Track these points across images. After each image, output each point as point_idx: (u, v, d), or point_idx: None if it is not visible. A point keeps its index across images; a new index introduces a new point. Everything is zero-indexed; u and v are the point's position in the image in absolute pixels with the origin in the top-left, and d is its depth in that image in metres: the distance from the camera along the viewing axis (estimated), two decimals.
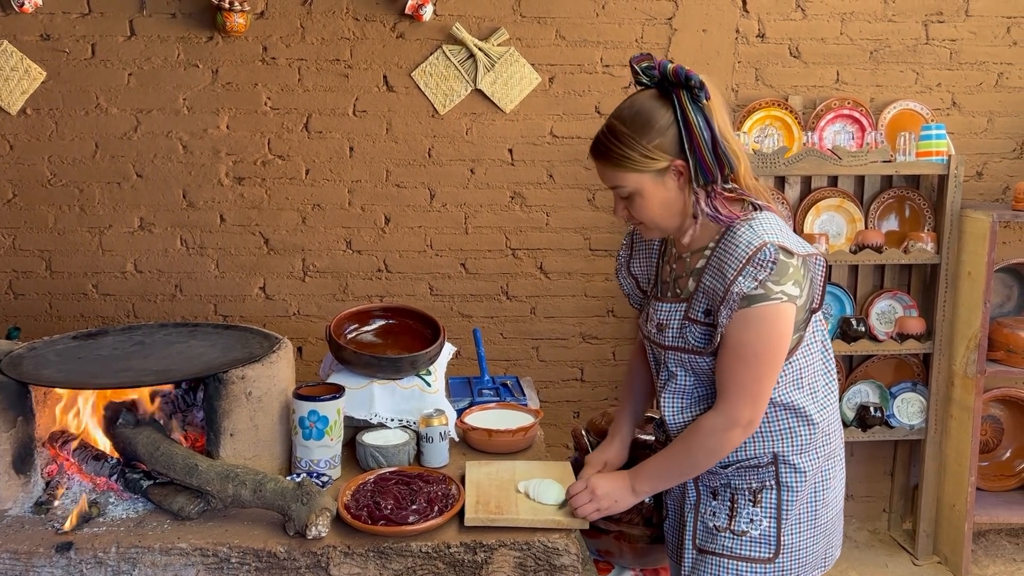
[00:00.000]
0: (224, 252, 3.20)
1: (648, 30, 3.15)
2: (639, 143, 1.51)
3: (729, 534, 1.63)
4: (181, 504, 1.76)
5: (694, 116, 1.48)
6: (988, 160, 3.30)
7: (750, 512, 1.61)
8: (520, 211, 3.23)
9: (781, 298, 1.48)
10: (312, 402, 1.90)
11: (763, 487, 1.61)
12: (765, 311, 1.48)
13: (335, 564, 1.67)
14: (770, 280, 1.47)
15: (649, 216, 1.58)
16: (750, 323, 1.49)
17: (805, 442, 1.61)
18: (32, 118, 3.08)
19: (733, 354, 1.51)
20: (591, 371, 3.35)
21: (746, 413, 1.52)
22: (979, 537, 3.33)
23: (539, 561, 1.70)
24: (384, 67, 3.12)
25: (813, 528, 1.63)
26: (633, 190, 1.55)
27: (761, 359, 1.50)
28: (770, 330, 1.49)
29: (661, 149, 1.51)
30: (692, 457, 1.59)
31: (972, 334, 2.98)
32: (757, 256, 1.47)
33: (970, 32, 3.21)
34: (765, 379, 1.52)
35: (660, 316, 1.65)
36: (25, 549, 1.67)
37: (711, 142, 1.49)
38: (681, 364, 1.63)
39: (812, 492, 1.63)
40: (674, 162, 1.52)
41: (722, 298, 1.51)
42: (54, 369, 1.95)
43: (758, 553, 1.61)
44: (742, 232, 1.52)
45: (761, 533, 1.61)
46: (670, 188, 1.54)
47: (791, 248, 1.49)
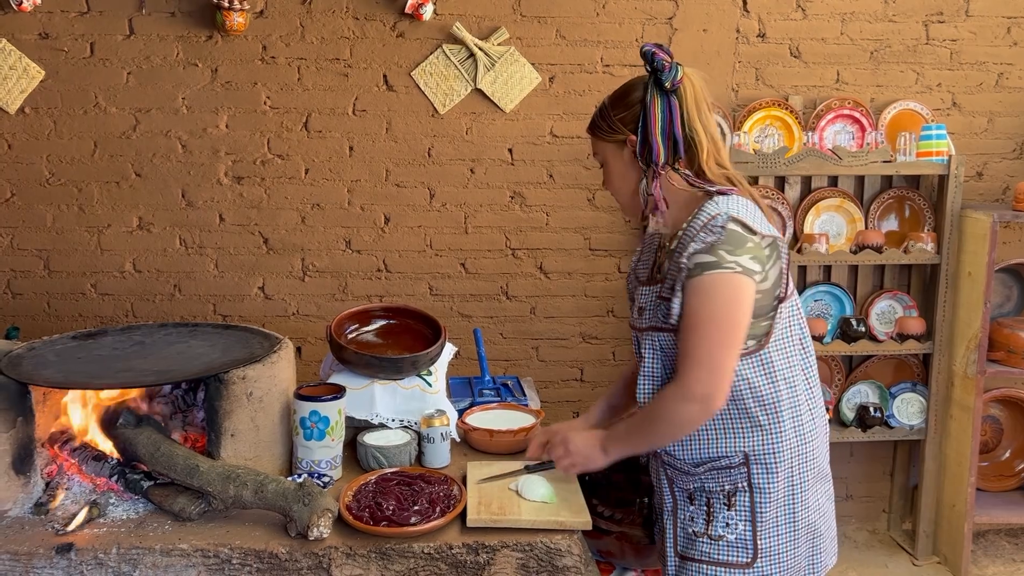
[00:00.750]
0: (223, 252, 3.19)
1: (648, 29, 3.15)
2: (609, 114, 1.64)
3: (707, 539, 1.61)
4: (182, 505, 1.76)
5: (650, 96, 1.57)
6: (988, 160, 3.30)
7: (725, 516, 1.60)
8: (520, 211, 3.23)
9: (734, 268, 1.48)
10: (313, 402, 1.90)
11: (736, 489, 1.59)
12: (717, 279, 1.48)
13: (337, 565, 1.66)
14: (722, 248, 1.48)
15: (612, 187, 1.71)
16: (701, 291, 1.49)
17: (777, 441, 1.58)
18: (31, 117, 3.07)
19: (687, 324, 1.51)
20: (591, 371, 3.34)
21: (700, 386, 1.49)
22: (979, 537, 3.33)
23: (541, 562, 1.69)
24: (384, 66, 3.11)
25: (793, 531, 1.60)
26: (601, 159, 1.70)
27: (714, 328, 1.48)
28: (723, 299, 1.48)
29: (623, 122, 1.62)
30: (653, 426, 1.57)
31: (972, 334, 2.98)
32: (710, 223, 1.51)
33: (970, 32, 3.21)
34: (719, 351, 1.48)
35: (641, 300, 1.66)
36: (25, 550, 1.67)
37: (665, 125, 1.57)
38: (652, 345, 1.62)
39: (788, 494, 1.60)
40: (629, 137, 1.61)
41: (678, 268, 1.53)
42: (54, 369, 1.94)
43: (736, 558, 1.59)
44: (706, 207, 1.56)
45: (737, 537, 1.59)
46: (627, 162, 1.64)
47: (751, 225, 1.51)
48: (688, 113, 1.57)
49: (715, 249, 1.48)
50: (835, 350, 3.06)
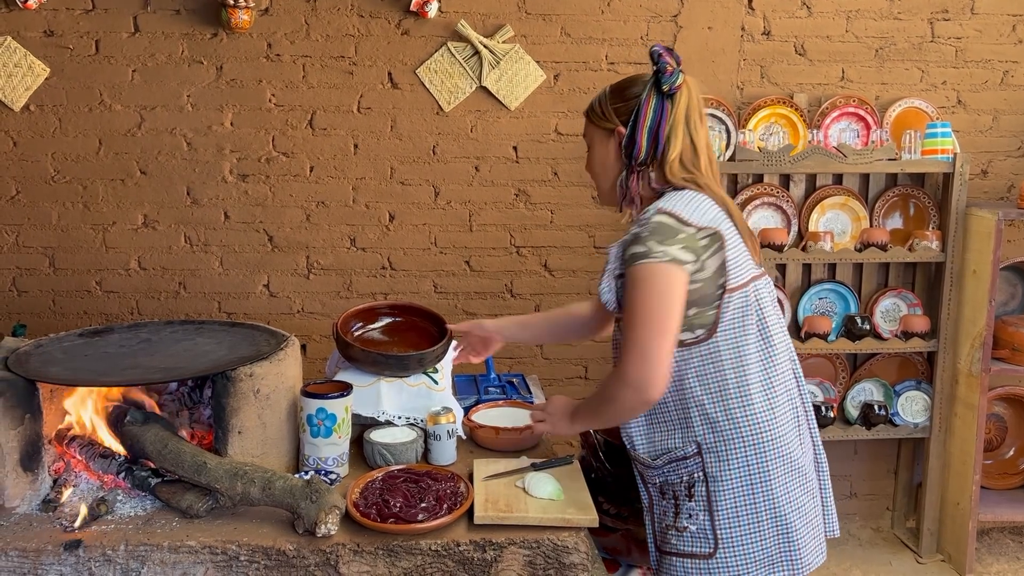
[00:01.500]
0: (228, 249, 3.19)
1: (653, 27, 3.14)
2: (606, 101, 1.69)
3: (675, 531, 1.64)
4: (190, 502, 1.76)
5: (646, 94, 1.62)
6: (993, 158, 3.29)
7: (688, 507, 1.62)
8: (524, 209, 3.23)
9: (662, 257, 1.51)
10: (320, 400, 1.90)
11: (693, 480, 1.61)
12: (646, 269, 1.52)
13: (344, 562, 1.67)
14: (651, 239, 1.52)
15: (592, 171, 1.76)
16: (633, 281, 1.54)
17: (728, 430, 1.58)
18: (36, 115, 3.07)
19: (624, 313, 1.58)
20: (595, 369, 3.34)
21: (633, 372, 1.52)
22: (983, 535, 3.34)
23: (548, 559, 1.69)
24: (389, 64, 3.11)
25: (755, 522, 1.59)
26: (589, 141, 1.74)
27: (646, 316, 1.52)
28: (653, 288, 1.51)
29: (617, 113, 1.66)
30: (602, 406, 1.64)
31: (977, 332, 2.98)
32: (642, 216, 1.58)
33: (976, 30, 3.20)
34: (650, 339, 1.51)
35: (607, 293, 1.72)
36: (33, 547, 1.67)
37: (653, 125, 1.61)
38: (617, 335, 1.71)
39: (747, 483, 1.59)
40: (617, 128, 1.66)
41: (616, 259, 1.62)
42: (61, 366, 1.94)
43: (699, 548, 1.61)
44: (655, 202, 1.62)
45: (698, 528, 1.61)
46: (610, 152, 1.69)
47: (684, 217, 1.55)
48: (677, 116, 1.61)
49: (644, 240, 1.53)
50: (839, 348, 3.07)
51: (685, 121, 1.61)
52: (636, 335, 1.52)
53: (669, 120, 1.60)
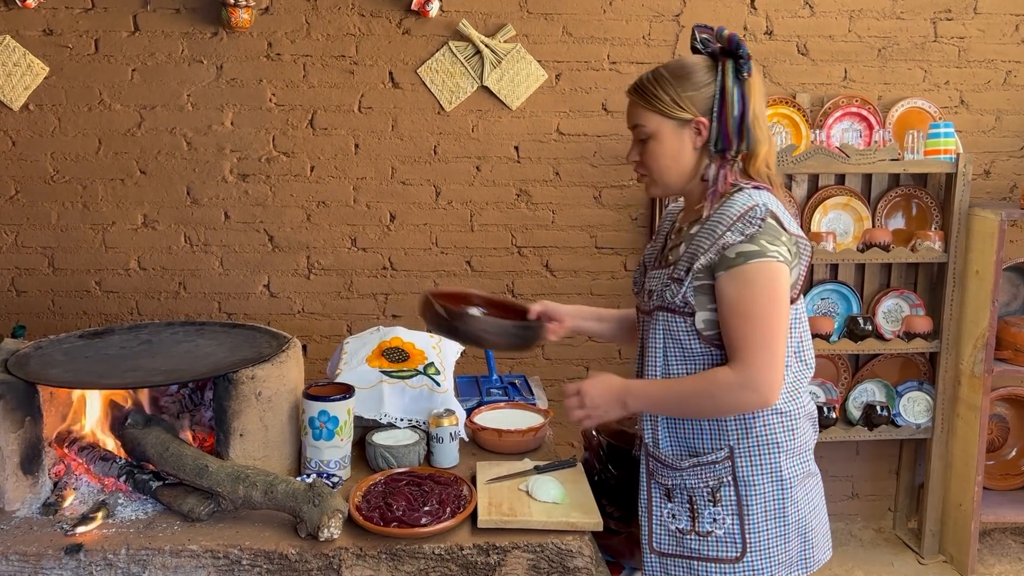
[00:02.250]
0: (228, 249, 3.18)
1: (655, 27, 3.13)
2: (673, 88, 1.57)
3: (695, 536, 1.60)
4: (191, 505, 1.75)
5: (731, 85, 1.54)
6: (996, 158, 3.29)
7: (711, 512, 1.59)
8: (526, 209, 3.22)
9: (777, 257, 1.49)
10: (322, 402, 1.89)
11: (721, 484, 1.58)
12: (764, 267, 1.48)
13: (347, 566, 1.66)
14: (763, 238, 1.49)
15: (657, 164, 1.61)
16: (750, 280, 1.48)
17: (762, 435, 1.58)
18: (35, 114, 3.06)
19: (738, 314, 1.49)
20: (596, 369, 3.33)
21: (765, 376, 1.48)
22: (985, 536, 3.33)
23: (552, 563, 1.69)
24: (390, 63, 3.10)
25: (782, 526, 1.59)
26: (652, 132, 1.60)
27: (768, 318, 1.48)
28: (772, 288, 1.49)
29: (691, 102, 1.56)
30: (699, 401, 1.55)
31: (979, 333, 2.97)
32: (748, 214, 1.50)
33: (978, 30, 3.19)
34: (776, 342, 1.49)
35: (652, 284, 1.65)
36: (34, 551, 1.66)
37: (739, 116, 1.55)
38: (658, 325, 1.60)
39: (777, 488, 1.59)
40: (698, 118, 1.57)
41: (705, 250, 1.52)
42: (61, 369, 1.93)
43: (725, 553, 1.59)
44: (739, 197, 1.55)
45: (726, 532, 1.58)
46: (685, 143, 1.59)
47: (783, 221, 1.53)
48: (753, 107, 1.55)
49: (756, 239, 1.49)
50: (842, 348, 3.06)
51: (759, 112, 1.56)
52: (759, 337, 1.48)
53: (750, 111, 1.55)
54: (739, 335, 1.50)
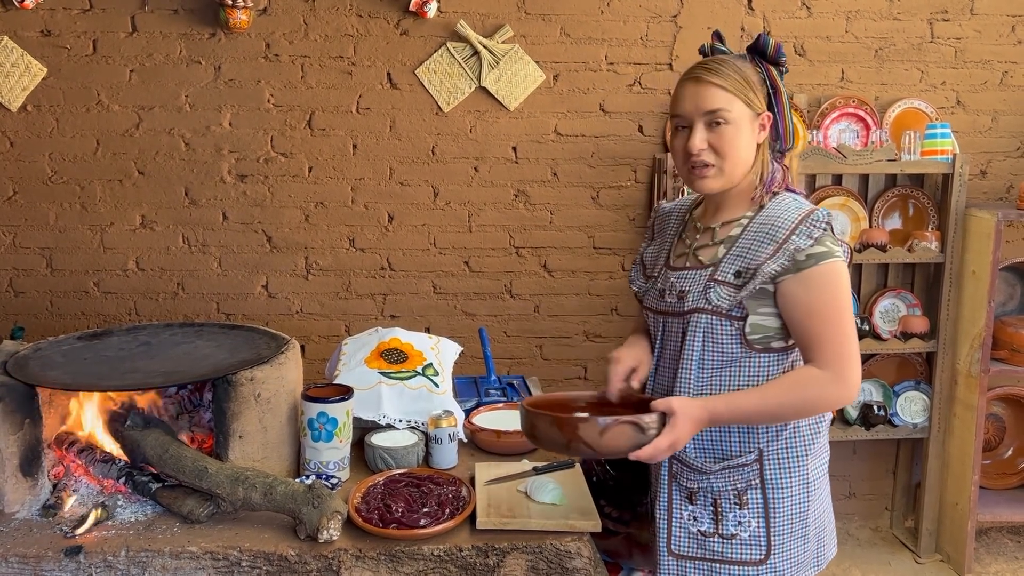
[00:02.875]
0: (227, 250, 3.18)
1: (653, 27, 3.14)
2: (750, 79, 1.56)
3: (718, 539, 1.60)
4: (191, 507, 1.75)
5: (780, 83, 1.58)
6: (992, 159, 3.30)
7: (737, 515, 1.59)
8: (524, 209, 3.22)
9: (841, 257, 1.51)
10: (321, 404, 1.89)
11: (748, 487, 1.59)
12: (833, 267, 1.50)
13: (346, 568, 1.66)
14: (826, 239, 1.51)
15: (734, 151, 1.54)
16: (824, 280, 1.49)
17: (791, 437, 1.59)
18: (33, 115, 3.06)
19: (815, 314, 1.50)
20: (595, 369, 3.34)
21: (853, 371, 1.49)
22: (981, 535, 3.34)
23: (551, 564, 1.69)
24: (388, 64, 3.10)
25: (804, 527, 1.61)
26: (732, 118, 1.53)
27: (845, 316, 1.50)
28: (843, 287, 1.51)
29: (759, 96, 1.57)
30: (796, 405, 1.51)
31: (976, 333, 2.98)
32: (811, 217, 1.51)
33: (975, 31, 3.20)
34: (853, 337, 1.51)
35: (682, 284, 1.61)
36: (33, 553, 1.66)
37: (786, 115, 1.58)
38: (696, 326, 1.56)
39: (802, 489, 1.60)
40: (764, 112, 1.58)
41: (771, 255, 1.51)
42: (60, 370, 1.93)
43: (749, 555, 1.59)
44: (787, 202, 1.56)
45: (751, 535, 1.59)
46: (753, 136, 1.58)
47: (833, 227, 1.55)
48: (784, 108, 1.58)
49: (822, 240, 1.50)
50: None
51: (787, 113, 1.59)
52: (840, 335, 1.49)
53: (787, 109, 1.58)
54: (819, 334, 1.50)
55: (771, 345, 1.57)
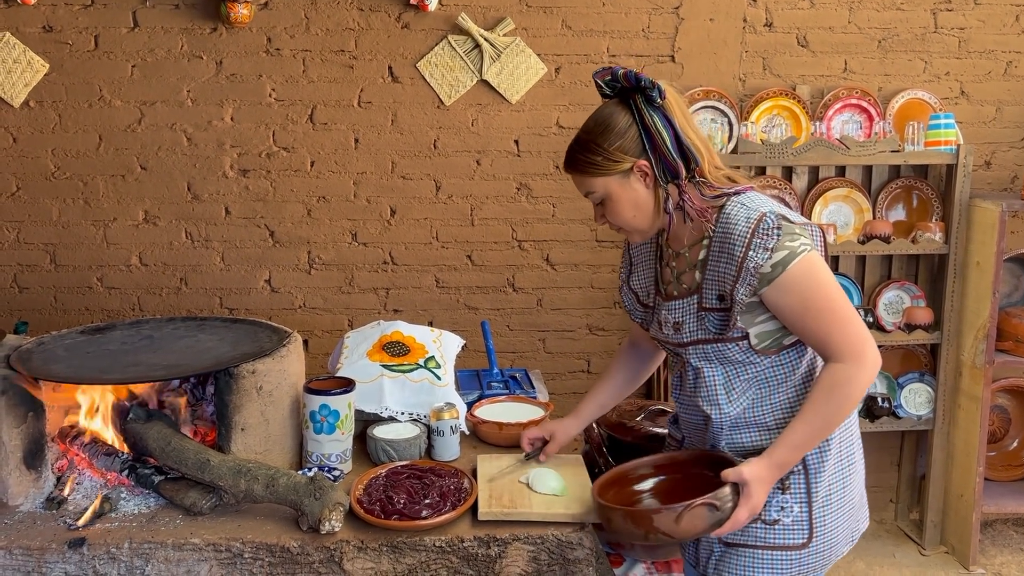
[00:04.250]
0: (229, 245, 3.19)
1: (655, 19, 3.13)
2: (601, 147, 1.56)
3: (761, 525, 1.60)
4: (193, 499, 1.76)
5: (650, 116, 1.55)
6: (996, 149, 3.28)
7: (780, 500, 1.59)
8: (526, 202, 3.22)
9: (805, 249, 1.49)
10: (323, 396, 1.90)
11: (791, 472, 1.59)
12: (803, 264, 1.48)
13: (348, 559, 1.67)
14: (784, 240, 1.49)
15: (623, 218, 1.62)
16: (798, 281, 1.49)
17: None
18: (35, 111, 3.06)
19: (806, 315, 1.50)
20: (598, 363, 3.34)
21: (866, 351, 1.49)
22: (986, 527, 3.34)
23: (553, 555, 1.69)
24: (389, 58, 3.10)
25: (842, 507, 1.62)
26: (603, 194, 1.60)
27: (835, 301, 1.50)
28: (821, 275, 1.50)
29: (622, 151, 1.56)
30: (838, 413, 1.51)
31: (980, 324, 2.97)
32: (760, 227, 1.49)
33: (979, 20, 3.19)
34: (852, 315, 1.50)
35: (675, 315, 1.64)
36: (37, 545, 1.67)
37: (673, 139, 1.55)
38: (705, 357, 1.61)
39: (840, 471, 1.62)
40: (637, 162, 1.56)
41: (736, 277, 1.51)
42: (63, 364, 1.94)
43: (792, 540, 1.59)
44: (736, 211, 1.54)
45: (793, 520, 1.59)
46: (637, 189, 1.58)
47: (788, 216, 1.53)
48: (680, 123, 1.55)
49: (779, 247, 1.48)
50: None
51: (687, 122, 1.57)
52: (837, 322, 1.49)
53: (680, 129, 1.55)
54: (820, 330, 1.50)
55: (783, 343, 1.58)
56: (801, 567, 1.59)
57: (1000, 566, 3.10)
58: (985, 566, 3.09)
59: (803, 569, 1.59)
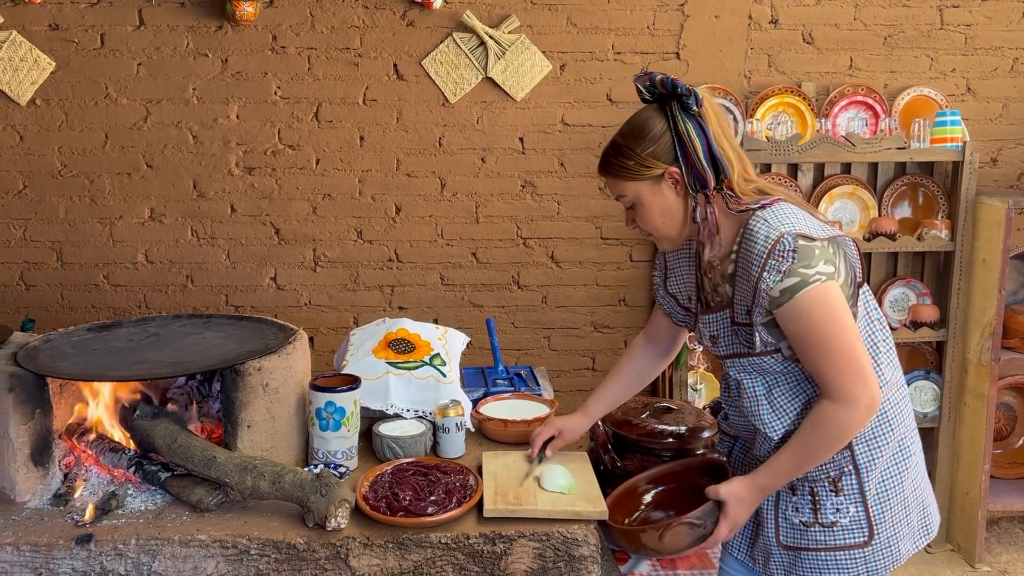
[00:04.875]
0: (235, 242, 3.19)
1: (660, 16, 3.12)
2: (634, 152, 1.57)
3: (819, 528, 1.60)
4: (200, 496, 1.76)
5: (683, 124, 1.55)
6: (1003, 146, 3.27)
7: (834, 502, 1.59)
8: (531, 200, 3.22)
9: (820, 279, 1.47)
10: (329, 393, 1.90)
11: (842, 473, 1.59)
12: (812, 295, 1.47)
13: (354, 555, 1.67)
14: (799, 267, 1.47)
15: (652, 224, 1.63)
16: (803, 313, 1.48)
17: (877, 418, 1.59)
18: (42, 109, 3.07)
19: (808, 346, 1.50)
20: (603, 360, 3.34)
21: (860, 392, 1.48)
22: (992, 525, 3.33)
23: (558, 552, 1.70)
24: (394, 55, 3.10)
25: (902, 501, 1.62)
26: (633, 199, 1.61)
27: (836, 339, 1.48)
28: (827, 311, 1.48)
29: (655, 157, 1.56)
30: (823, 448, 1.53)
31: (986, 321, 2.96)
32: (776, 249, 1.48)
33: (985, 17, 3.18)
34: (856, 353, 1.49)
35: (711, 328, 1.65)
36: (45, 541, 1.68)
37: (706, 148, 1.54)
38: (744, 370, 1.62)
39: (893, 466, 1.61)
40: (669, 169, 1.57)
41: (752, 298, 1.52)
42: (70, 361, 1.95)
43: (853, 539, 1.60)
44: (758, 227, 1.52)
45: (851, 520, 1.59)
46: (667, 196, 1.59)
47: (811, 234, 1.49)
48: (714, 132, 1.55)
49: (794, 271, 1.47)
50: None
51: (722, 131, 1.56)
52: (836, 360, 1.48)
53: (713, 139, 1.54)
54: (819, 365, 1.50)
55: None
56: (867, 565, 1.59)
57: (1006, 564, 3.09)
58: (991, 564, 3.08)
59: (870, 567, 1.59)
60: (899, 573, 3.02)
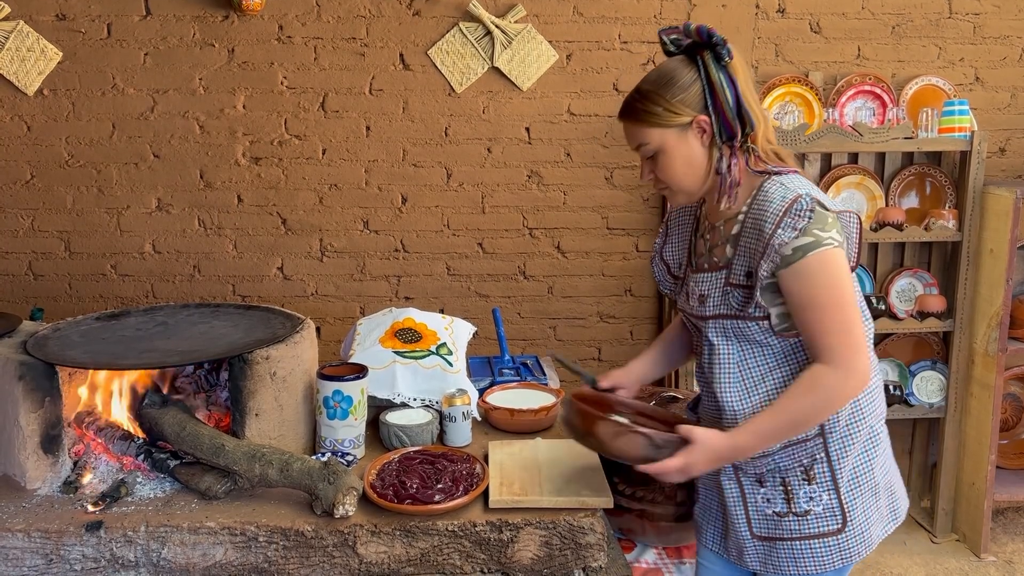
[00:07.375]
0: (242, 232, 3.20)
1: (667, 5, 3.11)
2: (663, 98, 1.55)
3: (793, 517, 1.60)
4: (208, 484, 1.78)
5: (716, 74, 1.53)
6: (1011, 136, 3.26)
7: (807, 491, 1.59)
8: (537, 190, 3.22)
9: (832, 243, 1.47)
10: (336, 382, 1.91)
11: (814, 461, 1.58)
12: (824, 257, 1.46)
13: (362, 543, 1.68)
14: (815, 228, 1.47)
15: (673, 175, 1.59)
16: (813, 272, 1.47)
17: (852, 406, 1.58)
18: (49, 99, 3.08)
19: (811, 307, 1.48)
20: (608, 350, 3.34)
21: (859, 360, 1.48)
22: (998, 515, 3.33)
23: (565, 540, 1.71)
24: (400, 45, 3.10)
25: (872, 487, 1.62)
26: (657, 147, 1.58)
27: (841, 305, 1.47)
28: (837, 274, 1.47)
29: (684, 104, 1.54)
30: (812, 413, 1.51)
31: (993, 312, 2.95)
32: (794, 207, 1.48)
33: (994, 6, 3.16)
34: (855, 325, 1.48)
35: (701, 287, 1.63)
36: (55, 528, 1.69)
37: (734, 101, 1.53)
38: (724, 332, 1.59)
39: (863, 453, 1.61)
40: (697, 117, 1.55)
41: (762, 252, 1.50)
42: (79, 350, 1.96)
43: (826, 527, 1.59)
44: (773, 189, 1.52)
45: (824, 508, 1.59)
46: (693, 145, 1.57)
47: (825, 203, 1.50)
48: (743, 87, 1.54)
49: (809, 230, 1.46)
50: None
51: (748, 88, 1.55)
52: (840, 325, 1.47)
53: (742, 92, 1.53)
54: (819, 328, 1.49)
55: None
56: (842, 551, 1.59)
57: (1011, 554, 3.09)
58: (996, 554, 3.09)
59: (844, 554, 1.59)
60: (905, 563, 3.03)
